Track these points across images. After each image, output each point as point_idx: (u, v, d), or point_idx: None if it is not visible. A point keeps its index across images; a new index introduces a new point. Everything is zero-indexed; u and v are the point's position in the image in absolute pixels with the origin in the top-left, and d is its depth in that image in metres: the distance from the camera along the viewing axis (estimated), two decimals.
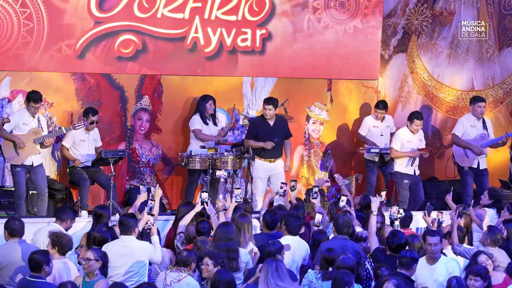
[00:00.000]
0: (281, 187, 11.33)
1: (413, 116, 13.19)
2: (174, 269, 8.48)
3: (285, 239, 9.45)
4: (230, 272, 8.15)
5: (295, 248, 9.41)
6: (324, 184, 12.75)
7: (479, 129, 13.59)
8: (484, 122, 13.65)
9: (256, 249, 9.40)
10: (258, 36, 13.64)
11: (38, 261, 8.13)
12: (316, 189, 11.15)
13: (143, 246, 9.10)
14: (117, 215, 11.26)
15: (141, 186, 10.96)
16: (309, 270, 8.91)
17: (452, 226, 10.02)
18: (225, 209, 10.34)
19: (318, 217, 10.21)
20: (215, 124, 13.18)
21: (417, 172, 13.27)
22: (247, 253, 9.17)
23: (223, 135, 13.22)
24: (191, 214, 10.18)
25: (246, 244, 9.33)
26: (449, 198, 11.02)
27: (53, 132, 12.15)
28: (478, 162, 13.50)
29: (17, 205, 11.94)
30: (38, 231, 9.92)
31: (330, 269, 8.62)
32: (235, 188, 11.02)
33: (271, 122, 12.76)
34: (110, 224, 9.99)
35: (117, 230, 9.51)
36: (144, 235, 9.63)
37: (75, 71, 12.94)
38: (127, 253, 8.92)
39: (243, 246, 9.27)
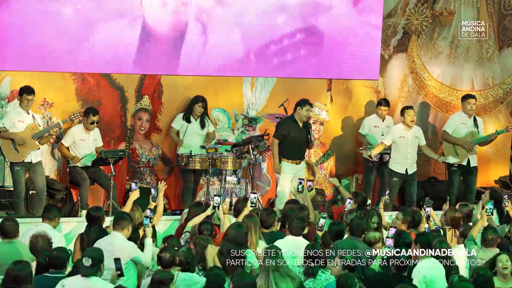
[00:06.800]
0: (300, 183, 11.34)
1: (404, 108, 13.20)
2: None
3: (287, 239, 9.46)
4: (251, 275, 8.07)
5: (296, 248, 9.38)
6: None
7: (469, 127, 13.61)
8: (475, 120, 13.69)
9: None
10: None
11: (62, 259, 8.12)
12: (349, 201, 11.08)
13: (125, 246, 8.97)
14: None
15: (132, 183, 10.92)
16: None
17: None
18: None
19: (322, 221, 10.25)
20: (202, 126, 13.12)
21: (410, 171, 13.17)
22: (253, 255, 9.14)
23: (222, 140, 13.24)
24: (202, 216, 10.19)
25: (255, 244, 9.33)
26: (445, 207, 11.03)
27: (51, 126, 12.16)
28: (468, 160, 13.53)
29: (16, 204, 11.95)
30: (26, 232, 9.68)
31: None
32: (251, 193, 11.01)
33: (301, 124, 12.76)
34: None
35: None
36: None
37: (75, 71, 12.96)
38: (110, 250, 8.73)
39: (252, 246, 9.27)
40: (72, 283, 7.84)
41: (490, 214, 10.46)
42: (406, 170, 13.09)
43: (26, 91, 11.94)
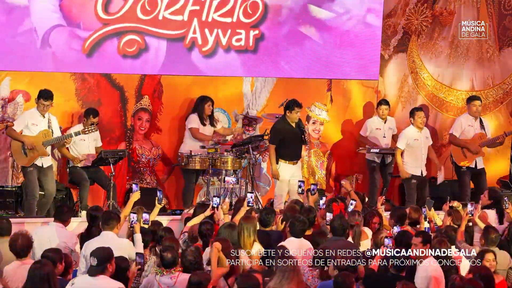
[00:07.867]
0: (300, 186, 11.38)
1: (414, 110, 13.21)
2: (164, 273, 8.36)
3: (288, 241, 9.47)
4: (255, 277, 7.99)
5: (298, 249, 9.40)
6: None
7: (476, 129, 13.62)
8: (481, 121, 13.69)
9: (262, 249, 9.42)
10: (252, 36, 13.62)
11: (51, 259, 8.14)
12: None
13: (122, 243, 9.00)
14: None
15: (133, 185, 10.89)
16: None
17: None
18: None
19: (330, 215, 10.33)
20: (212, 125, 13.17)
21: (424, 173, 13.20)
22: (246, 255, 9.15)
23: (223, 139, 13.24)
24: (200, 217, 10.18)
25: (251, 246, 9.33)
26: (445, 207, 11.06)
27: (63, 136, 12.09)
28: (476, 162, 13.53)
29: (30, 205, 11.84)
30: (38, 230, 9.78)
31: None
32: (248, 192, 11.03)
33: (294, 125, 12.77)
34: None
35: None
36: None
37: (75, 71, 12.96)
38: None
39: (248, 247, 9.27)
40: (81, 282, 7.91)
41: (471, 215, 10.49)
42: (421, 172, 13.10)
43: (43, 96, 11.76)
